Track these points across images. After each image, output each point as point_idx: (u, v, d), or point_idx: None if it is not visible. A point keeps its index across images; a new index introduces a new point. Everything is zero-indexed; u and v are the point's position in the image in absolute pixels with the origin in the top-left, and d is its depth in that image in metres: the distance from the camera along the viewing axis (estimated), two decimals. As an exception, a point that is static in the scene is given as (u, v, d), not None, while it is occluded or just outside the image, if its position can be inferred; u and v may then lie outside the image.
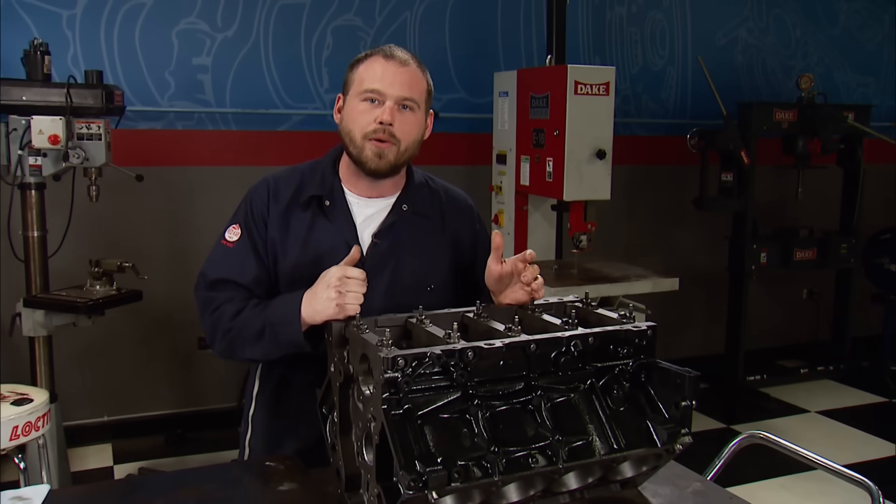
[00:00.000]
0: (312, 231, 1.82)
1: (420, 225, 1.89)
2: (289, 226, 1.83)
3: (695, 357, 5.06)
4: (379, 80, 1.75)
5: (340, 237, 1.81)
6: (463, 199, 2.01)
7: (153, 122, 4.02)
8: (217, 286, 1.82)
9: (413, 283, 1.85)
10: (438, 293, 1.88)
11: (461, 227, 1.96)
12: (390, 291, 1.82)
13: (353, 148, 1.79)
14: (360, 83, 1.77)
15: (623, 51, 4.94)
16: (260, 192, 1.86)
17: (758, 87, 5.33)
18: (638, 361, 1.61)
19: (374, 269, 1.78)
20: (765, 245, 4.75)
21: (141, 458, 3.90)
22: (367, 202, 1.87)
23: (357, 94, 1.77)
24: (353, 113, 1.78)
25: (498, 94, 4.05)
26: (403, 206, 1.88)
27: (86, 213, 3.50)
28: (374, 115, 1.75)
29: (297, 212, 1.83)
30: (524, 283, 1.74)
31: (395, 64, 1.76)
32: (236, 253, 1.83)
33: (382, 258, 1.83)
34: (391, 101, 1.75)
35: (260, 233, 1.83)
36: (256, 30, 4.14)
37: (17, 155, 3.14)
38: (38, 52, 3.17)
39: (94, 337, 3.79)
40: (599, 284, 3.52)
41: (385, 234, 1.85)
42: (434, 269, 1.89)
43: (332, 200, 1.84)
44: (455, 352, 1.44)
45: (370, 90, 1.75)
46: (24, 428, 2.50)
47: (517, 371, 1.51)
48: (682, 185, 4.90)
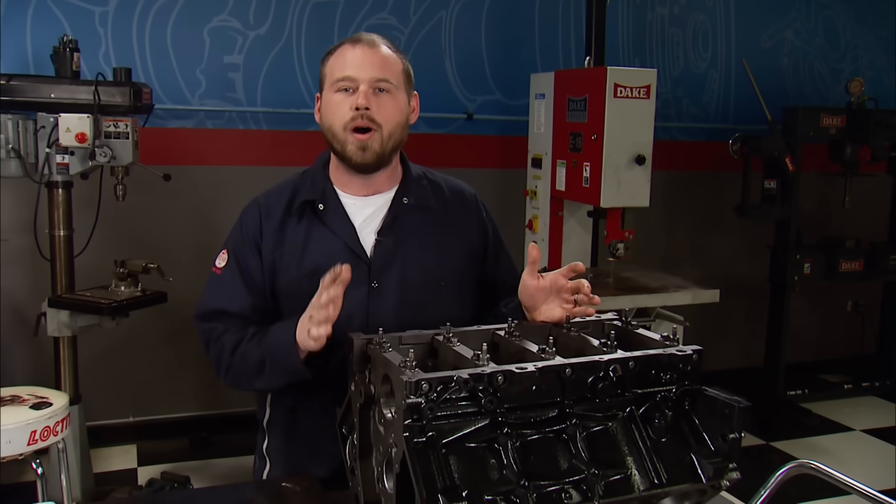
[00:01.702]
0: (309, 240, 1.73)
1: (424, 218, 1.79)
2: (285, 239, 1.74)
3: (733, 369, 4.93)
4: (349, 66, 1.68)
5: (340, 241, 1.72)
6: (466, 189, 1.92)
7: (183, 120, 3.98)
8: (211, 317, 1.74)
9: (424, 279, 1.75)
10: (452, 290, 1.79)
11: (467, 218, 1.87)
12: (401, 291, 1.73)
13: (337, 143, 1.71)
14: (331, 74, 1.71)
15: (664, 53, 4.81)
16: (250, 212, 1.79)
17: (804, 92, 5.16)
18: (682, 388, 1.50)
19: (381, 269, 1.72)
20: (809, 255, 4.59)
21: (165, 461, 3.86)
22: (365, 201, 1.78)
23: (330, 87, 1.70)
24: (329, 106, 1.70)
25: (534, 95, 3.95)
26: (404, 199, 1.78)
27: (113, 213, 3.46)
28: (350, 102, 1.67)
29: (292, 223, 1.74)
30: (565, 300, 1.64)
31: (363, 47, 1.69)
32: (224, 281, 1.75)
33: (389, 257, 1.73)
34: (364, 85, 1.66)
35: (249, 257, 1.74)
36: (289, 28, 4.08)
37: (45, 153, 3.10)
38: (68, 48, 3.14)
39: (119, 337, 3.76)
40: (636, 295, 3.41)
41: (389, 231, 1.75)
42: (445, 264, 1.79)
43: (326, 203, 1.75)
44: (484, 376, 1.35)
45: (341, 78, 1.68)
46: (43, 433, 2.45)
47: (551, 397, 1.41)
48: (723, 192, 4.76)
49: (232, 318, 1.73)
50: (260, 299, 1.74)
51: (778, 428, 4.44)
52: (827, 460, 1.93)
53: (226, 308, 1.73)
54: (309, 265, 1.71)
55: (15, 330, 3.73)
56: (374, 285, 1.71)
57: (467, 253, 1.84)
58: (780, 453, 4.14)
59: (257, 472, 1.87)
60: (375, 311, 1.69)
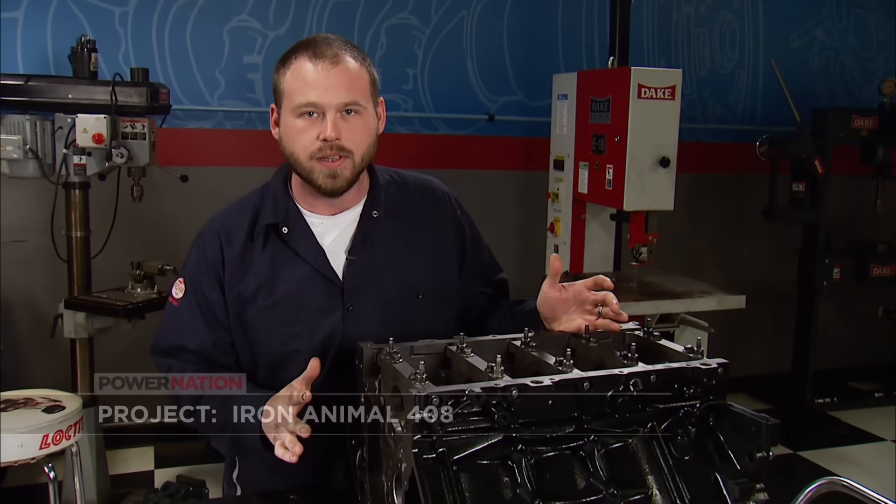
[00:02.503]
0: (277, 267, 1.59)
1: (395, 229, 1.66)
2: (250, 269, 1.59)
3: (759, 375, 4.83)
4: (311, 89, 1.49)
5: (308, 267, 1.59)
6: (438, 187, 1.77)
7: (202, 121, 3.96)
8: (169, 353, 1.63)
9: (400, 294, 1.64)
10: (431, 299, 1.67)
11: (442, 220, 1.73)
12: (378, 310, 1.61)
13: (300, 170, 1.55)
14: (290, 96, 1.51)
15: (690, 53, 4.72)
16: (209, 239, 1.63)
17: (835, 93, 5.04)
18: (706, 403, 1.44)
19: (353, 291, 1.60)
20: (838, 260, 4.49)
21: (182, 463, 3.84)
22: (332, 220, 1.64)
23: (290, 111, 1.52)
24: (290, 132, 1.53)
25: (557, 96, 3.88)
26: (374, 213, 1.64)
27: (131, 214, 3.45)
28: (316, 130, 1.50)
29: (256, 250, 1.60)
30: (588, 311, 1.57)
31: (326, 66, 1.49)
32: (182, 314, 1.62)
33: (362, 277, 1.61)
34: (332, 112, 1.50)
35: (208, 290, 1.61)
36: (309, 28, 4.05)
37: (62, 154, 3.09)
38: (85, 49, 3.12)
39: (138, 338, 3.71)
40: (660, 300, 3.34)
41: (359, 249, 1.62)
42: (421, 274, 1.66)
43: (290, 226, 1.60)
44: (497, 390, 1.29)
45: (304, 104, 1.50)
46: (55, 437, 2.42)
47: (568, 412, 1.36)
48: (750, 195, 4.67)
49: (190, 354, 1.61)
50: (221, 335, 1.62)
51: (806, 437, 4.34)
52: (857, 472, 1.85)
53: (184, 345, 1.61)
54: (279, 294, 1.59)
55: (34, 331, 3.72)
56: (348, 308, 1.59)
57: (445, 257, 1.72)
58: (807, 464, 4.03)
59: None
60: (352, 334, 1.56)
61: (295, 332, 1.58)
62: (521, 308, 1.73)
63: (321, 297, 1.58)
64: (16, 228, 3.61)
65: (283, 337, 1.59)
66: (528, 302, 1.71)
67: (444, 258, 1.72)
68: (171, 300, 1.65)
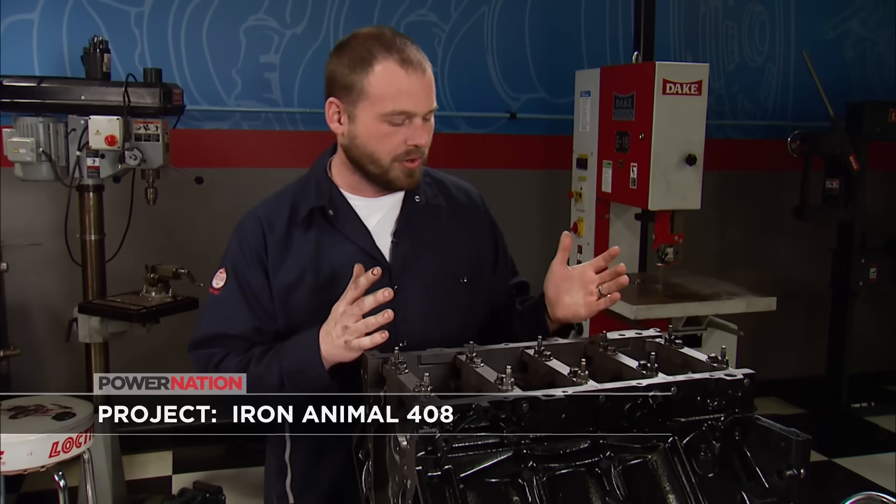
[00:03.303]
0: (322, 248, 1.61)
1: (436, 216, 1.70)
2: (291, 251, 1.61)
3: (792, 378, 4.70)
4: (406, 97, 1.51)
5: (355, 247, 1.61)
6: (471, 187, 1.82)
7: (219, 121, 3.92)
8: (208, 343, 1.60)
9: (445, 278, 1.67)
10: (474, 287, 1.70)
11: (476, 217, 1.78)
12: (424, 293, 1.64)
13: (376, 168, 1.57)
14: (380, 101, 1.51)
15: (718, 47, 4.59)
16: (250, 226, 1.63)
17: (871, 86, 4.88)
18: (732, 416, 1.35)
19: (400, 272, 1.62)
20: (875, 259, 4.36)
21: (200, 468, 3.80)
22: (375, 203, 1.66)
23: (378, 115, 1.52)
24: (375, 134, 1.53)
25: (579, 93, 3.79)
26: (416, 198, 1.68)
27: (146, 217, 3.41)
28: (403, 135, 1.53)
29: (299, 233, 1.61)
30: (590, 292, 1.57)
31: (417, 74, 1.52)
32: (224, 302, 1.61)
33: (407, 258, 1.64)
34: (419, 118, 1.54)
35: (251, 275, 1.60)
36: (326, 26, 3.99)
37: (76, 156, 3.06)
38: (98, 49, 3.09)
39: (156, 342, 3.68)
40: (686, 303, 3.23)
41: (404, 232, 1.65)
42: (463, 260, 1.70)
43: (336, 209, 1.63)
44: (507, 403, 1.21)
45: (398, 112, 1.52)
46: (66, 444, 2.38)
47: (582, 426, 1.27)
48: (781, 193, 4.53)
49: (233, 340, 1.59)
50: (265, 321, 1.61)
51: (841, 443, 4.20)
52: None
53: (226, 331, 1.59)
54: (325, 275, 1.60)
55: (51, 335, 3.70)
56: (395, 289, 1.57)
57: (481, 250, 1.75)
58: (843, 471, 3.90)
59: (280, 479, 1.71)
60: (400, 315, 1.54)
61: None
62: (523, 300, 1.77)
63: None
64: (31, 232, 3.59)
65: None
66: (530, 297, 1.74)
67: (480, 248, 1.75)
68: (211, 291, 1.64)
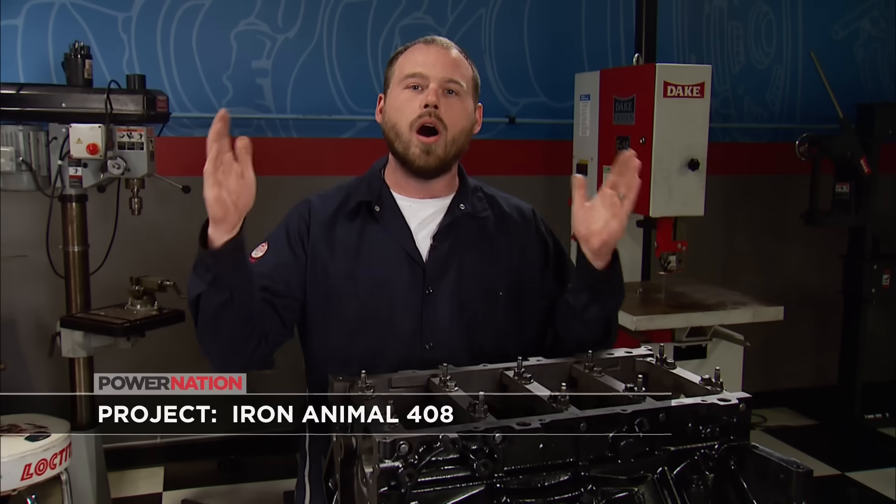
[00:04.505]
0: (363, 239, 1.69)
1: (480, 227, 1.74)
2: (335, 238, 1.69)
3: (802, 388, 4.57)
4: (421, 63, 1.65)
5: (395, 243, 1.68)
6: (524, 203, 1.86)
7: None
8: None
9: (480, 289, 1.69)
10: (511, 303, 1.71)
11: (526, 232, 1.79)
12: (456, 299, 1.66)
13: (399, 143, 1.65)
14: (400, 70, 1.67)
15: (723, 48, 4.46)
16: (300, 209, 1.75)
17: (881, 87, 4.73)
18: (726, 444, 1.24)
19: (436, 275, 1.66)
20: (887, 265, 4.21)
21: (192, 484, 3.70)
22: (420, 203, 1.72)
23: (398, 83, 1.66)
24: (395, 103, 1.65)
25: (579, 97, 3.69)
26: (461, 206, 1.72)
27: (132, 227, 3.32)
28: (419, 100, 1.62)
29: (344, 222, 1.70)
30: (614, 204, 1.51)
31: (437, 47, 1.68)
32: (255, 266, 1.62)
33: (444, 262, 1.68)
34: (435, 84, 1.63)
35: (288, 251, 1.69)
36: (319, 30, 3.89)
37: (57, 165, 2.97)
38: (79, 55, 2.99)
39: (143, 355, 3.58)
40: (690, 313, 3.11)
41: (444, 236, 1.69)
42: (502, 274, 1.71)
43: (382, 205, 1.71)
44: (477, 436, 1.11)
45: (412, 74, 1.64)
46: (38, 466, 2.29)
47: (562, 457, 1.17)
48: (789, 198, 4.40)
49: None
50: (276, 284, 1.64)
51: (854, 456, 4.06)
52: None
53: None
54: (362, 266, 1.67)
55: (37, 349, 3.61)
56: (428, 291, 1.65)
57: (527, 267, 1.75)
58: (857, 486, 3.76)
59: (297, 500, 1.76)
60: (429, 317, 1.64)
61: (373, 304, 1.64)
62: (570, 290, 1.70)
63: (404, 276, 1.65)
64: (14, 243, 3.49)
65: (361, 306, 1.64)
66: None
67: (525, 266, 1.75)
68: (250, 259, 1.65)
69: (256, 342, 1.57)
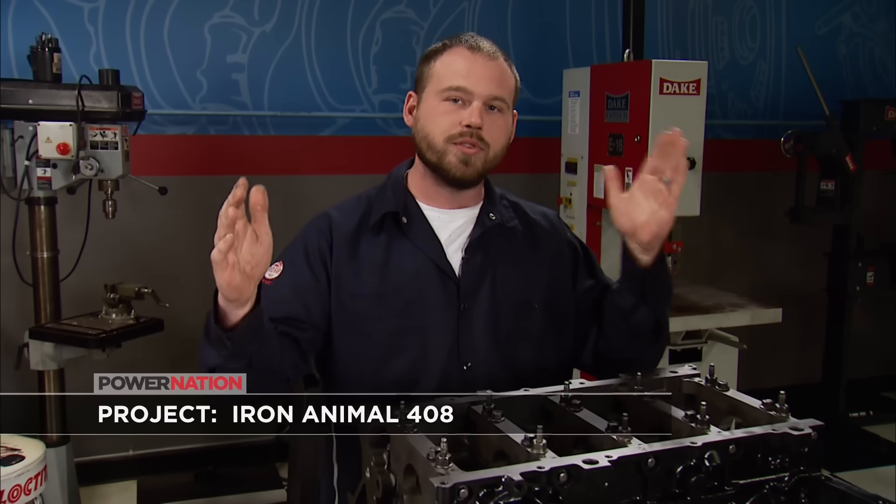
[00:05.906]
0: (390, 254, 1.57)
1: (510, 237, 1.65)
2: (359, 254, 1.57)
3: (787, 386, 4.46)
4: (464, 76, 1.52)
5: (425, 258, 1.57)
6: (549, 211, 1.78)
7: (184, 126, 3.65)
8: None
9: (515, 301, 1.60)
10: (546, 313, 1.62)
11: (554, 238, 1.71)
12: (493, 314, 1.57)
13: (432, 153, 1.55)
14: (439, 79, 1.54)
15: (707, 43, 4.41)
16: (318, 224, 1.62)
17: (863, 83, 4.73)
18: (797, 476, 1.15)
19: (470, 290, 1.57)
20: (872, 263, 4.20)
21: (167, 499, 3.54)
22: (450, 215, 1.62)
23: (437, 93, 1.54)
24: (432, 113, 1.54)
25: (568, 93, 3.58)
26: (491, 216, 1.62)
27: (105, 231, 3.15)
28: (460, 116, 1.51)
29: (368, 237, 1.59)
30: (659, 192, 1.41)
31: (483, 57, 1.54)
32: (272, 289, 1.50)
33: (477, 276, 1.58)
34: (479, 101, 1.51)
35: (308, 273, 1.56)
36: (297, 23, 3.74)
37: (24, 166, 2.80)
38: (47, 48, 2.81)
39: (118, 367, 3.42)
40: (688, 316, 3.07)
41: (476, 249, 1.59)
42: (537, 286, 1.63)
43: (409, 216, 1.60)
44: (542, 475, 1.00)
45: (454, 88, 1.52)
46: (13, 493, 2.12)
47: (628, 496, 1.08)
48: (774, 195, 4.37)
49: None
50: (298, 310, 1.52)
51: (841, 456, 4.02)
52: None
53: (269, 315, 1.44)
54: (392, 283, 1.56)
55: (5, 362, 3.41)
56: (463, 307, 1.56)
57: (560, 275, 1.67)
58: (844, 485, 3.73)
59: None
60: (466, 335, 1.55)
61: (405, 325, 1.55)
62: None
63: (436, 292, 1.56)
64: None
65: (392, 329, 1.54)
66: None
67: (556, 274, 1.67)
68: (264, 281, 1.44)
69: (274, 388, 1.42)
